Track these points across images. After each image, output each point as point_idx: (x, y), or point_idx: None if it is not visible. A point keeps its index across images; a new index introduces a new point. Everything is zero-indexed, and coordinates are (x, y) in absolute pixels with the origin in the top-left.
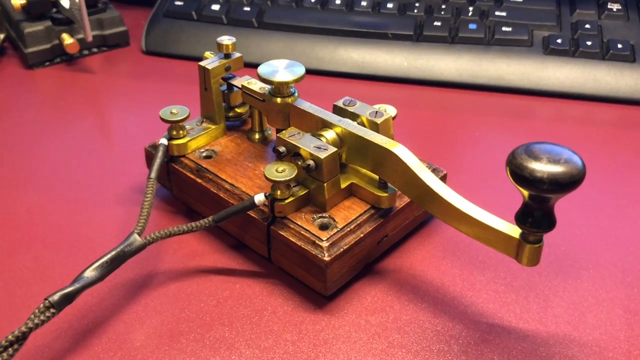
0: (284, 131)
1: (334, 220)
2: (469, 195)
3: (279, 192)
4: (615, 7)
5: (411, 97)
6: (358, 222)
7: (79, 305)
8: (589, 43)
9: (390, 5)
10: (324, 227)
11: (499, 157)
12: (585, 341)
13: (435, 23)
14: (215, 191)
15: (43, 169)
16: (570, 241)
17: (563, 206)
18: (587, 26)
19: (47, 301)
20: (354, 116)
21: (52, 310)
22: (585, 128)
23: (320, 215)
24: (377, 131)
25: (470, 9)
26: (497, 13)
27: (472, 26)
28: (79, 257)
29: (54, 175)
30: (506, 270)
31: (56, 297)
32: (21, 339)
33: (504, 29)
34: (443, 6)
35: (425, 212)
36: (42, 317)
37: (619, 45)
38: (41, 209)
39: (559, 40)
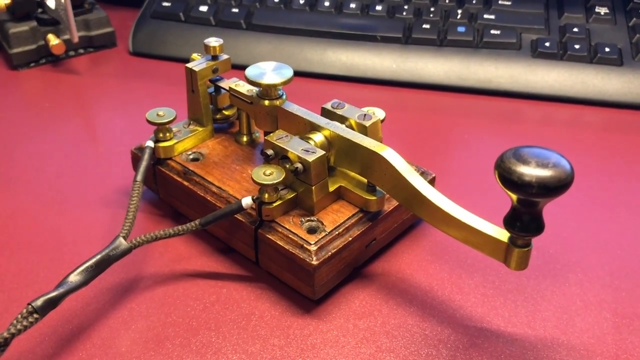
0: (271, 134)
1: (322, 224)
2: (457, 198)
3: (266, 195)
4: (603, 11)
5: (400, 100)
6: (346, 226)
7: (63, 310)
8: (577, 46)
9: (379, 8)
10: (312, 230)
11: (487, 160)
12: (574, 345)
13: (424, 26)
14: (202, 194)
15: (27, 171)
16: (559, 244)
17: (551, 210)
18: (575, 30)
19: (30, 306)
20: (342, 119)
21: (35, 315)
22: (573, 131)
23: (308, 218)
24: (366, 134)
25: (459, 11)
26: (485, 16)
27: (461, 29)
28: (63, 261)
29: (38, 177)
30: (495, 273)
31: (40, 302)
32: (3, 344)
33: (492, 31)
34: (432, 9)
35: (414, 215)
36: (25, 323)
37: (607, 49)
38: (25, 212)
39: (547, 44)
